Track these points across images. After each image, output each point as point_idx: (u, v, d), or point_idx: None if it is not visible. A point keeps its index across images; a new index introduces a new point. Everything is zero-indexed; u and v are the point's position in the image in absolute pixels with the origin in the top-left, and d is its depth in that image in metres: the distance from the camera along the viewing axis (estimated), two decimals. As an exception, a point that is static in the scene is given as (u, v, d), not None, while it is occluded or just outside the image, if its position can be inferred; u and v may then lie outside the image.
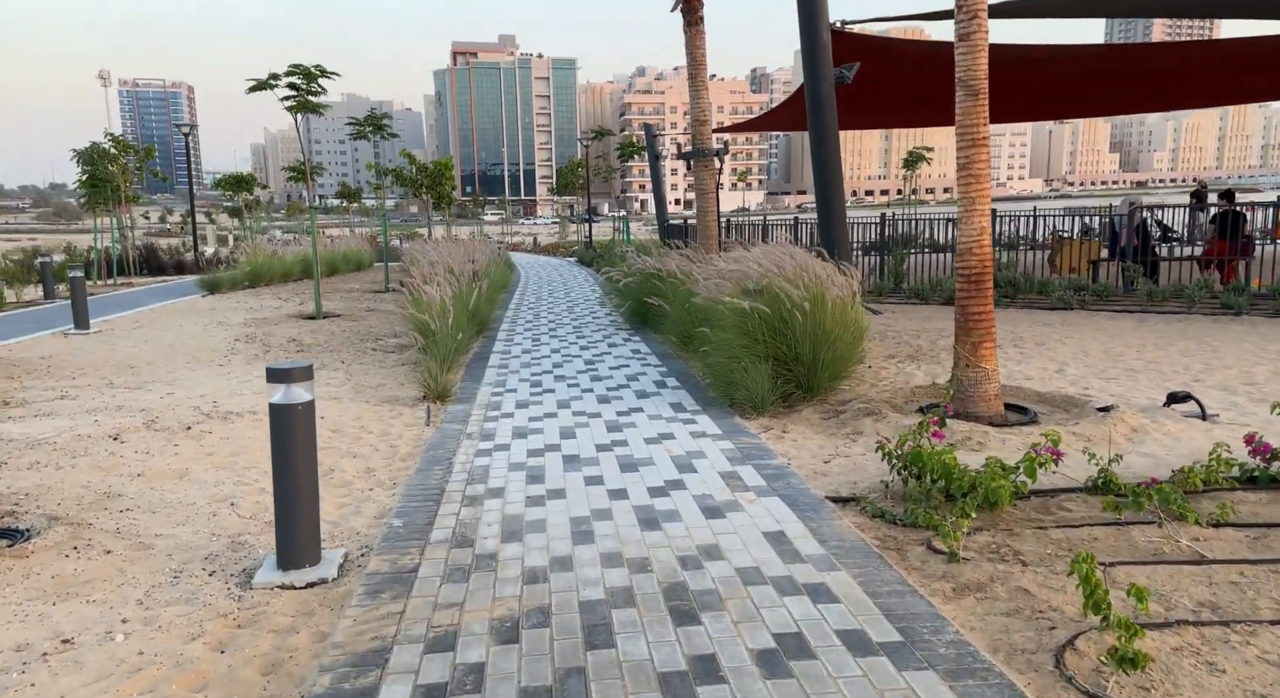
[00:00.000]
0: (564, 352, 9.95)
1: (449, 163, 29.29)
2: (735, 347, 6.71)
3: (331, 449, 5.91)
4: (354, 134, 17.33)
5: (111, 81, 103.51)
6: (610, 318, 13.04)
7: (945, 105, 18.45)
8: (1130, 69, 16.98)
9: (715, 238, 11.27)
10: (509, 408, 7.08)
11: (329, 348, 10.41)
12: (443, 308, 8.89)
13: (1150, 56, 18.10)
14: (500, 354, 9.86)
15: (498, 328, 12.22)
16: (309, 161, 13.45)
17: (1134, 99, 20.84)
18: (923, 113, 21.64)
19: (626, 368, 8.80)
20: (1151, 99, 21.53)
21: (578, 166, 38.58)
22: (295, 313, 14.12)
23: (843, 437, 5.81)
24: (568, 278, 21.84)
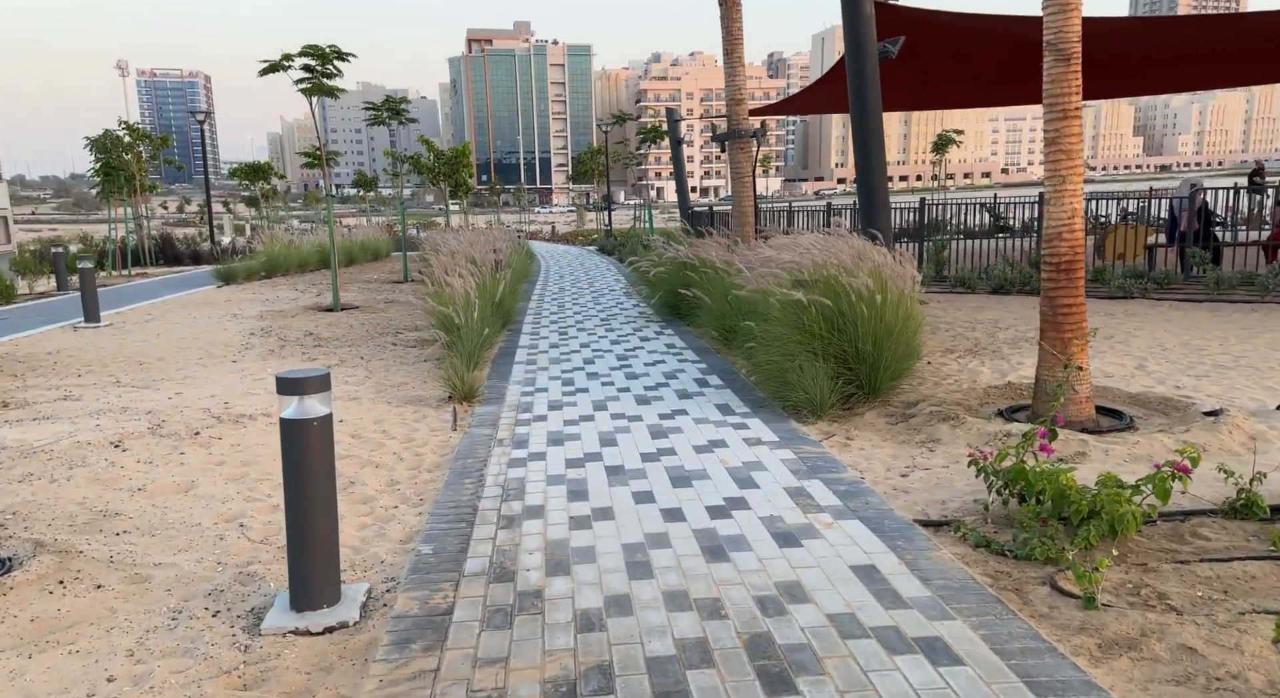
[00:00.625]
0: (594, 346, 9.39)
1: (466, 149, 28.73)
2: (789, 343, 6.12)
3: (351, 458, 5.38)
4: (371, 120, 16.78)
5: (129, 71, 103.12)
6: (639, 309, 12.47)
7: (999, 84, 17.62)
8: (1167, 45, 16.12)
9: (752, 225, 10.66)
10: (541, 410, 6.53)
11: (347, 342, 9.90)
12: (467, 301, 8.34)
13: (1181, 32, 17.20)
14: (527, 349, 9.31)
15: (522, 320, 11.68)
16: (324, 147, 12.91)
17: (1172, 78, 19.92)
18: (975, 92, 20.65)
19: (663, 364, 8.23)
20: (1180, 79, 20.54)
21: (597, 153, 37.94)
22: (312, 305, 13.64)
23: (917, 445, 5.22)
24: (589, 267, 21.28)
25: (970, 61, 14.48)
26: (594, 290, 15.39)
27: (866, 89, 9.81)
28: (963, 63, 14.43)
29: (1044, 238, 5.38)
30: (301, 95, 11.97)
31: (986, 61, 15.11)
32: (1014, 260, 13.35)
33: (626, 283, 16.52)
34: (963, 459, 4.85)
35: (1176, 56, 14.66)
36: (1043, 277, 5.45)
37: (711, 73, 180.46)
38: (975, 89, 18.81)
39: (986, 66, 15.46)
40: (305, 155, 15.85)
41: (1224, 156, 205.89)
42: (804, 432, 5.60)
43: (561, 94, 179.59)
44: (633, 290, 14.73)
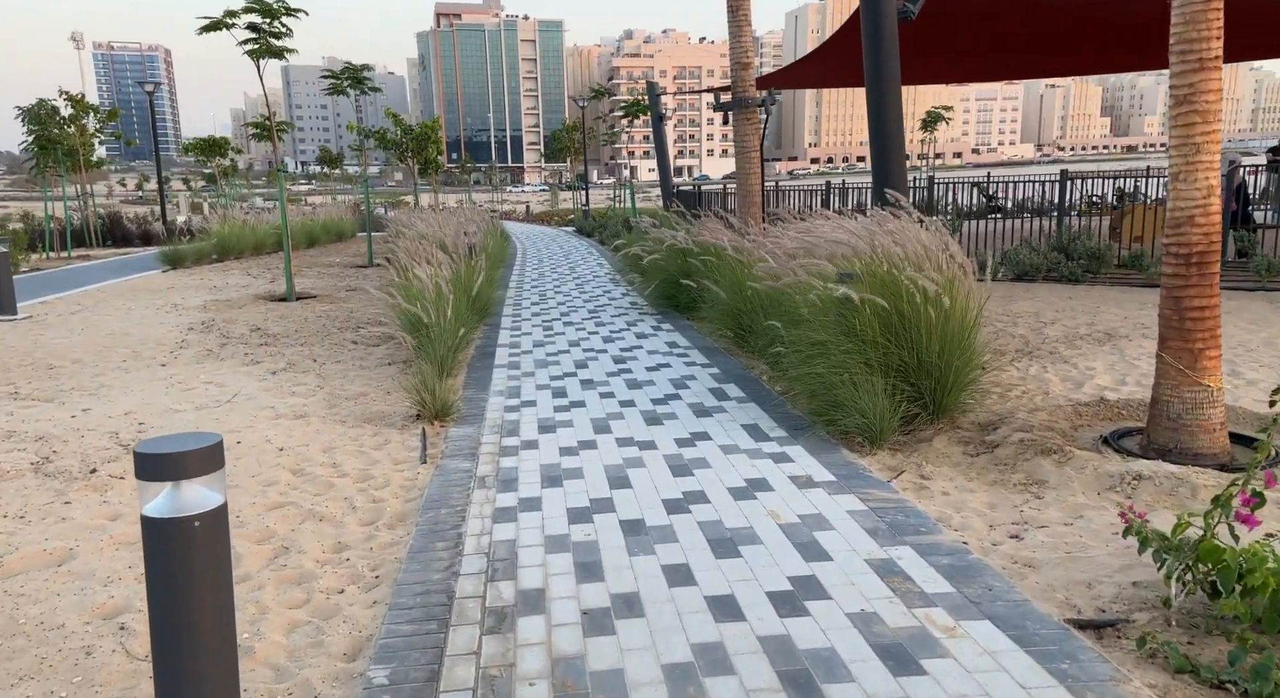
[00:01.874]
0: (585, 344, 8.20)
1: (436, 125, 27.20)
2: (835, 352, 4.97)
3: (289, 507, 4.17)
4: (331, 88, 15.36)
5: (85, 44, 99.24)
6: (629, 299, 11.28)
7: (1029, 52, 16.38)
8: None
9: (759, 206, 9.49)
10: (530, 432, 5.34)
11: (300, 340, 8.61)
12: (438, 296, 7.11)
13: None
14: (509, 349, 8.10)
15: (500, 312, 10.44)
16: (272, 117, 11.52)
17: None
18: (1004, 63, 19.37)
19: (668, 368, 7.06)
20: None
21: (572, 130, 36.45)
22: (265, 293, 12.28)
23: (1016, 489, 4.11)
24: (569, 250, 20.01)
25: (991, 29, 13.37)
26: (577, 277, 14.15)
27: (884, 54, 8.67)
28: (983, 31, 13.31)
29: (1170, 223, 4.26)
30: (249, 59, 10.56)
31: (1010, 28, 14.01)
32: (1036, 244, 12.32)
33: (611, 268, 15.30)
34: (1087, 511, 3.75)
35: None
36: (1165, 272, 4.35)
37: (685, 50, 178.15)
38: (1018, 58, 17.61)
39: (1011, 34, 14.35)
40: (253, 126, 14.43)
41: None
42: (864, 466, 4.47)
43: (533, 71, 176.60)
44: (620, 278, 13.53)
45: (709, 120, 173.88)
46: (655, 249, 10.11)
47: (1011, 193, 26.17)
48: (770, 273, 6.43)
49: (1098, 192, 22.45)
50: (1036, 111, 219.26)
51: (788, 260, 6.45)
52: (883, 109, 8.83)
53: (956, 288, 5.08)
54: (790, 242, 6.83)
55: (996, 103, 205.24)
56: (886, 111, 8.88)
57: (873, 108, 8.81)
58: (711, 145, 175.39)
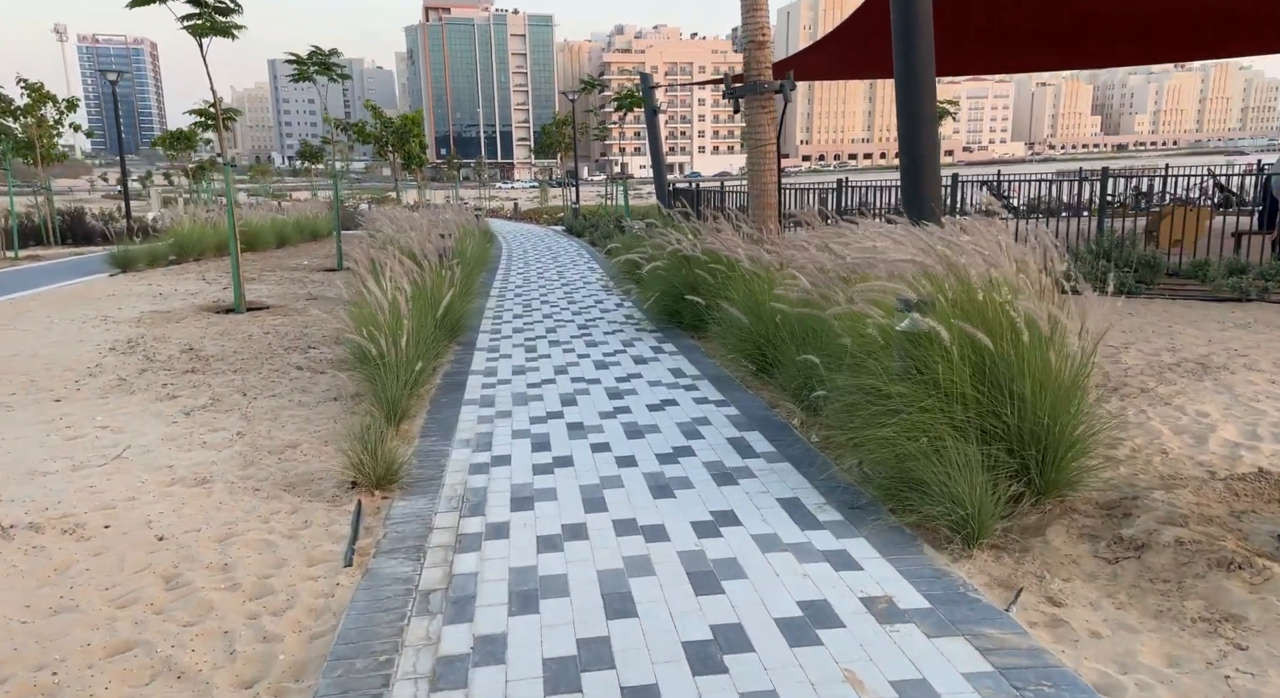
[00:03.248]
0: (574, 372, 6.90)
1: (418, 117, 25.81)
2: (912, 408, 3.69)
3: (139, 650, 2.86)
4: (296, 75, 13.99)
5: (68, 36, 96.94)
6: (623, 310, 9.98)
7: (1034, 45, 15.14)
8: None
9: (775, 207, 8.20)
10: (499, 508, 4.04)
11: (235, 365, 7.28)
12: (394, 318, 5.79)
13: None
14: (483, 377, 6.78)
15: (478, 327, 9.13)
16: (219, 103, 10.15)
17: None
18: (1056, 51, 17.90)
19: (674, 407, 5.77)
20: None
21: (563, 124, 35.05)
22: (213, 302, 10.93)
23: (1198, 628, 2.83)
24: (558, 252, 18.69)
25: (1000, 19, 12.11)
26: (566, 284, 12.84)
27: (916, 37, 7.42)
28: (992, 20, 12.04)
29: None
30: (190, 35, 9.19)
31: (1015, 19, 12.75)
32: (1074, 249, 11.08)
33: (603, 274, 13.99)
34: (1333, 685, 2.48)
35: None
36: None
37: (677, 46, 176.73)
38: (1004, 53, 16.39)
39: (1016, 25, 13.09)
40: (197, 114, 13.03)
41: (1179, 136, 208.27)
42: (962, 578, 3.19)
43: (523, 66, 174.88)
44: (613, 286, 12.23)
45: (700, 116, 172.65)
46: (655, 256, 8.82)
47: (1023, 191, 25.01)
48: (804, 296, 5.15)
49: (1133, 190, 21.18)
50: (1027, 110, 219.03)
51: (826, 277, 5.17)
52: (915, 101, 7.58)
53: (1059, 324, 3.82)
54: (817, 251, 5.55)
55: (987, 101, 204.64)
56: (920, 104, 7.63)
57: (903, 99, 7.56)
58: (703, 142, 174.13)
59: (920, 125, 7.77)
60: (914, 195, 7.86)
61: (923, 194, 7.91)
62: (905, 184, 7.96)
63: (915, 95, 7.70)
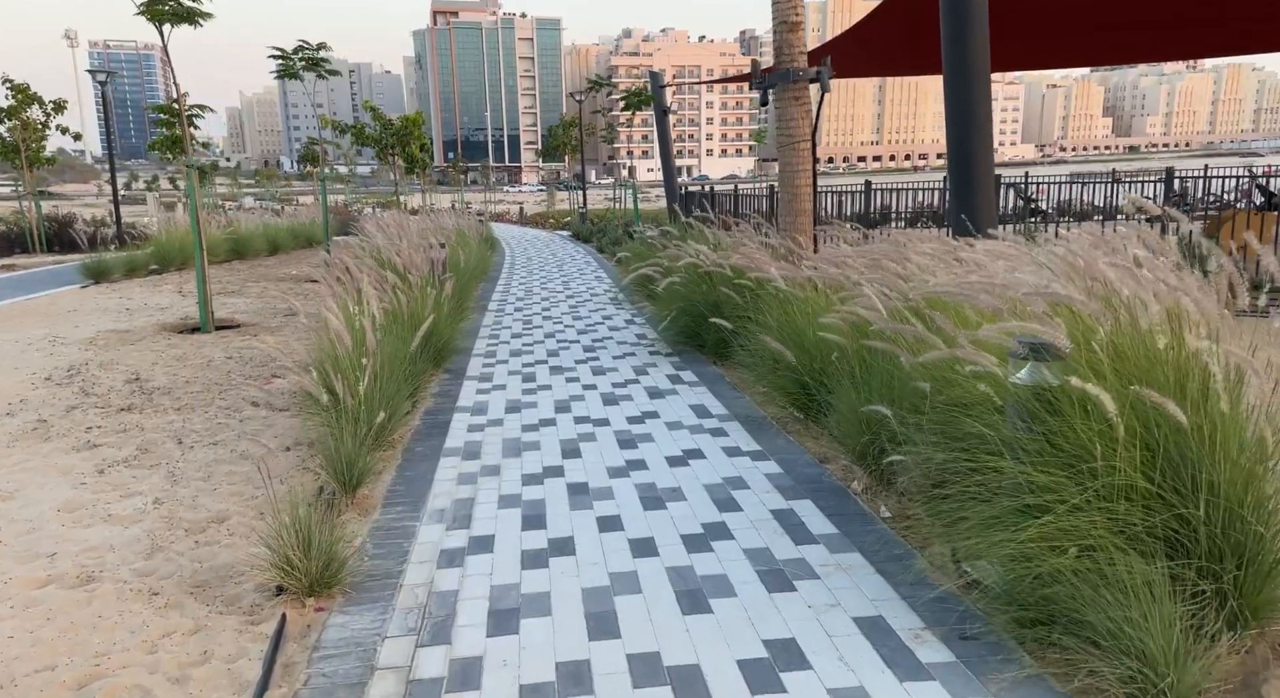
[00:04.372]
0: (578, 409, 5.81)
1: (419, 118, 24.80)
2: (1060, 507, 2.59)
3: None
4: (280, 72, 12.99)
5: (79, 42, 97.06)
6: (634, 328, 8.90)
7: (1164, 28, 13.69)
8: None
9: (810, 216, 7.10)
10: (470, 635, 2.95)
11: (181, 400, 6.22)
12: (356, 357, 4.72)
13: None
14: (470, 416, 5.70)
15: (472, 349, 8.06)
16: (182, 99, 9.12)
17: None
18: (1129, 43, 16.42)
19: (700, 460, 4.68)
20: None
21: (570, 125, 34.02)
22: (181, 319, 9.89)
23: None
24: (563, 259, 17.62)
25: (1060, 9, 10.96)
26: (571, 296, 11.76)
27: (969, 25, 6.40)
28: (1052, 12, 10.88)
29: None
30: (148, 22, 8.16)
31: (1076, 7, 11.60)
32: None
33: (611, 284, 12.92)
34: None
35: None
36: None
37: (684, 49, 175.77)
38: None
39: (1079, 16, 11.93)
40: (158, 110, 11.97)
41: (1191, 138, 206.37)
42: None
43: (530, 69, 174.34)
44: (622, 299, 11.15)
45: (708, 119, 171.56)
46: (670, 269, 7.73)
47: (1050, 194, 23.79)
48: (858, 323, 4.05)
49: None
50: (1038, 112, 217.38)
51: (891, 302, 4.07)
52: (967, 100, 6.59)
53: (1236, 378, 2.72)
54: (866, 269, 4.46)
55: (998, 103, 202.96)
56: (972, 104, 6.62)
57: (954, 99, 6.55)
58: (711, 145, 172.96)
59: (973, 127, 6.76)
60: (966, 204, 6.82)
61: (975, 202, 6.87)
62: (956, 191, 6.93)
63: (967, 94, 6.70)
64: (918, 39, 11.72)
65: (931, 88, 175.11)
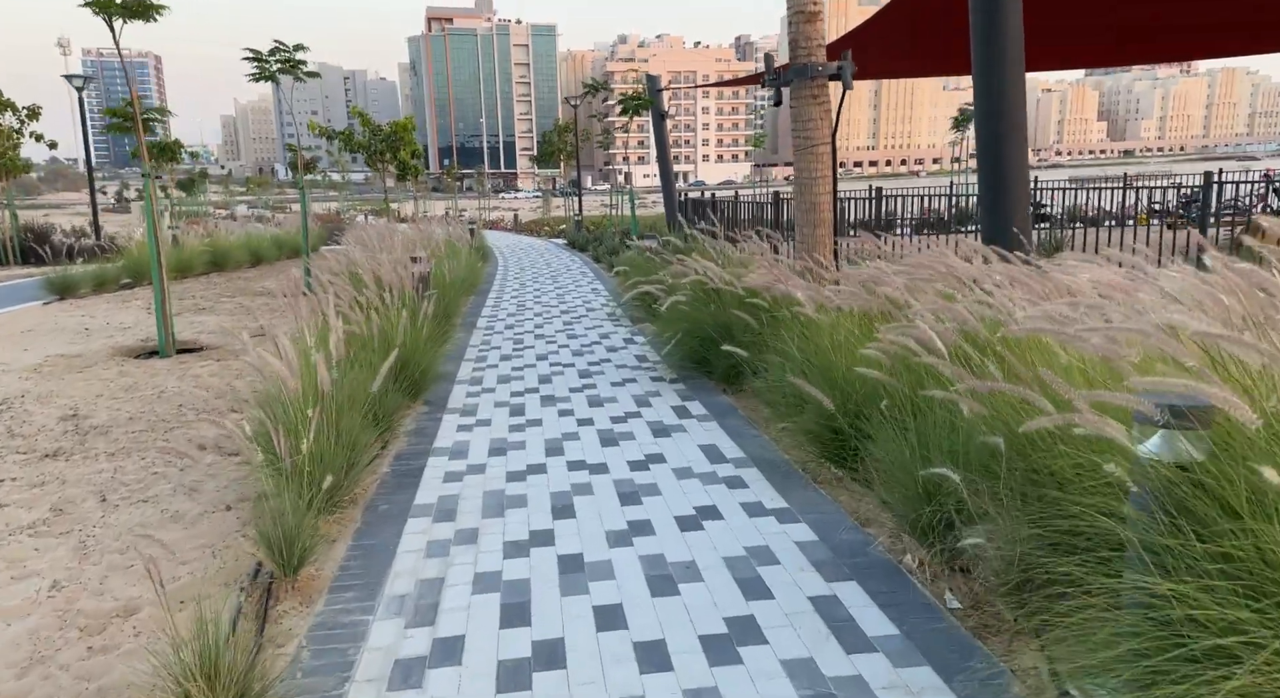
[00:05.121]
0: (572, 450, 5.05)
1: (409, 123, 24.02)
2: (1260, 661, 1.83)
3: None
4: (256, 75, 12.25)
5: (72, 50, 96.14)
6: (633, 349, 8.14)
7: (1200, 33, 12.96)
8: None
9: (830, 227, 6.35)
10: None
11: (118, 443, 5.45)
12: (305, 403, 3.96)
13: None
14: (447, 461, 4.93)
15: (455, 374, 7.30)
16: (137, 102, 8.36)
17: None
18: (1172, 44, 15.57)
19: (717, 521, 3.92)
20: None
21: (565, 130, 33.33)
22: (142, 341, 9.13)
23: None
24: (558, 270, 16.87)
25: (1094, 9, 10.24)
26: (566, 311, 11.01)
27: (1001, 21, 5.74)
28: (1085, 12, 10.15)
29: None
30: (94, 13, 7.41)
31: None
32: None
33: (608, 296, 12.18)
34: None
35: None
36: None
37: (680, 55, 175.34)
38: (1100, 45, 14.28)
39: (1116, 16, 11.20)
40: (112, 115, 11.24)
41: (1186, 142, 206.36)
42: None
43: (526, 76, 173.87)
44: (620, 315, 10.40)
45: (704, 125, 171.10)
46: (675, 286, 6.98)
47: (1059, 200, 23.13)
48: (940, 377, 3.31)
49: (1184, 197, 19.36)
50: (1033, 115, 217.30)
51: (961, 338, 3.32)
52: (1000, 103, 5.95)
53: None
54: (900, 288, 3.71)
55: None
56: (1006, 107, 5.95)
57: (985, 101, 5.88)
58: (707, 150, 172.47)
59: (1007, 127, 6.07)
60: (997, 215, 6.14)
61: (1007, 209, 6.19)
62: (987, 201, 6.24)
63: (1000, 90, 6.02)
64: (934, 37, 11.00)
65: (928, 92, 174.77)
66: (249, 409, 4.21)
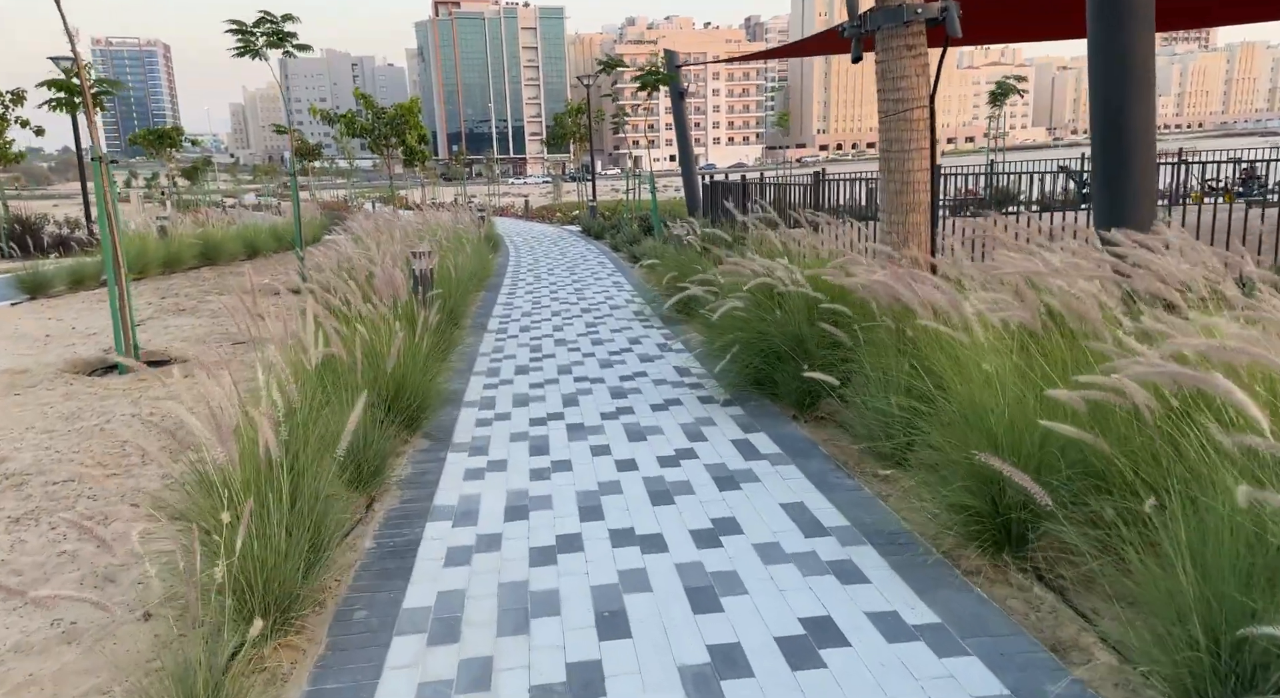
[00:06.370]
0: (615, 514, 3.82)
1: (414, 105, 22.80)
2: None
3: None
4: (240, 49, 11.02)
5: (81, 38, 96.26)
6: (668, 355, 6.89)
7: None
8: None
9: (927, 213, 5.08)
10: None
11: (32, 499, 4.25)
12: (255, 485, 2.74)
13: None
14: (449, 528, 3.70)
15: (463, 394, 6.08)
16: (83, 73, 7.15)
17: None
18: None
19: (840, 647, 2.69)
20: None
21: (577, 112, 31.91)
22: (102, 353, 7.95)
23: None
24: (574, 261, 15.61)
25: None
26: (588, 310, 9.75)
27: None
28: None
29: None
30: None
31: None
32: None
33: (632, 291, 10.93)
34: None
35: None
36: None
37: (690, 36, 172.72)
38: None
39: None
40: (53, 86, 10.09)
41: (1204, 118, 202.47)
42: None
43: (534, 59, 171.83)
44: (649, 313, 9.14)
45: (715, 107, 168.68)
46: (728, 287, 5.72)
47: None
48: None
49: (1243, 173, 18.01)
50: (1048, 94, 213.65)
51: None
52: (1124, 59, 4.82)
53: None
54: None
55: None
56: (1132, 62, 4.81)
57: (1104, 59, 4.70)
58: (718, 133, 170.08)
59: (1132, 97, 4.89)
60: (1120, 193, 4.93)
61: (1133, 191, 4.97)
62: (1105, 178, 5.03)
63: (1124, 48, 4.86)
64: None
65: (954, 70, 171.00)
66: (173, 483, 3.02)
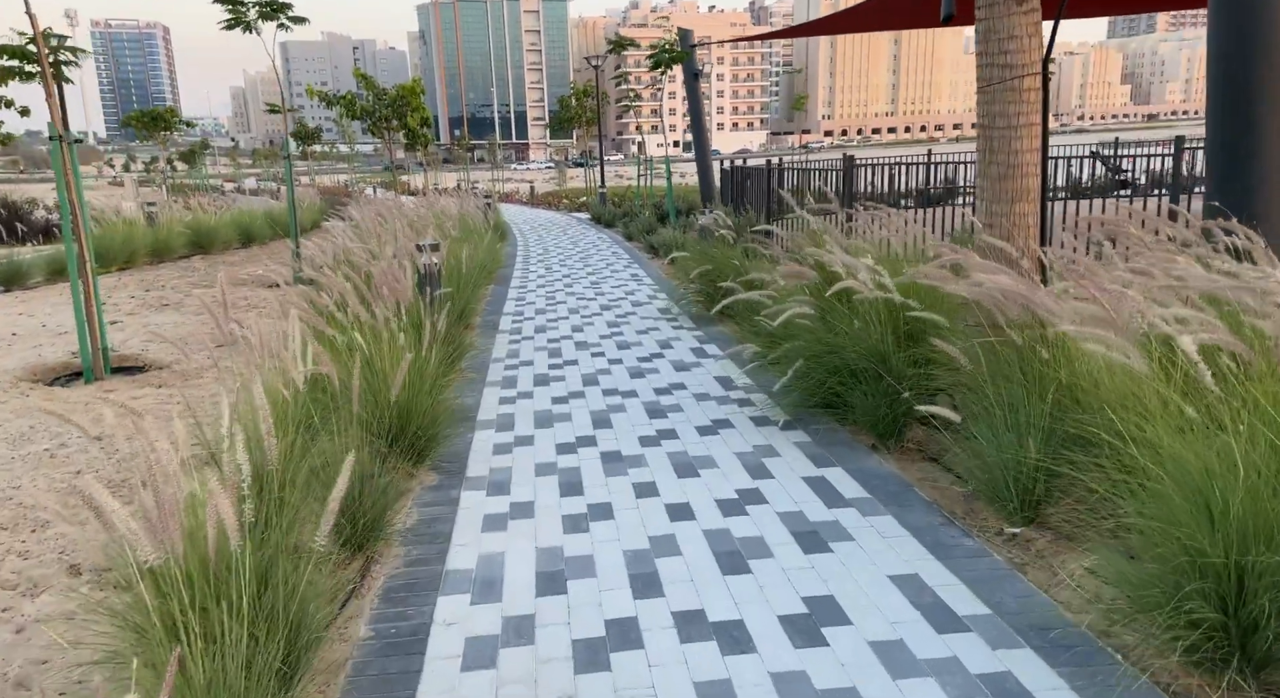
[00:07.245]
0: (674, 583, 2.98)
1: (415, 87, 21.88)
2: None
3: None
4: (230, 22, 10.15)
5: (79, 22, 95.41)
6: (705, 362, 6.06)
7: None
8: None
9: (1037, 199, 4.23)
10: None
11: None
12: (206, 586, 1.91)
13: None
14: (467, 606, 2.87)
15: (476, 410, 5.25)
16: (40, 38, 6.29)
17: None
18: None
19: None
20: None
21: (583, 95, 30.92)
22: (69, 356, 7.13)
23: None
24: (587, 251, 14.74)
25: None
26: (608, 306, 8.89)
27: None
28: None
29: None
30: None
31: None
32: None
33: (654, 284, 10.08)
34: None
35: None
36: None
37: (694, 20, 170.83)
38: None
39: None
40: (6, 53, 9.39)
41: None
42: None
43: (537, 43, 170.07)
44: (675, 310, 8.30)
45: (719, 92, 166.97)
46: (787, 293, 4.88)
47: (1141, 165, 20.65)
48: None
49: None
50: (1055, 80, 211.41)
51: None
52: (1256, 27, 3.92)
53: None
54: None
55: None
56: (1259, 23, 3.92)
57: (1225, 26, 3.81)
58: (721, 119, 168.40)
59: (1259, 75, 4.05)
60: (1240, 182, 4.13)
61: (1257, 180, 4.17)
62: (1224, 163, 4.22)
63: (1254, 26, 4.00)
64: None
65: (948, 55, 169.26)
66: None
